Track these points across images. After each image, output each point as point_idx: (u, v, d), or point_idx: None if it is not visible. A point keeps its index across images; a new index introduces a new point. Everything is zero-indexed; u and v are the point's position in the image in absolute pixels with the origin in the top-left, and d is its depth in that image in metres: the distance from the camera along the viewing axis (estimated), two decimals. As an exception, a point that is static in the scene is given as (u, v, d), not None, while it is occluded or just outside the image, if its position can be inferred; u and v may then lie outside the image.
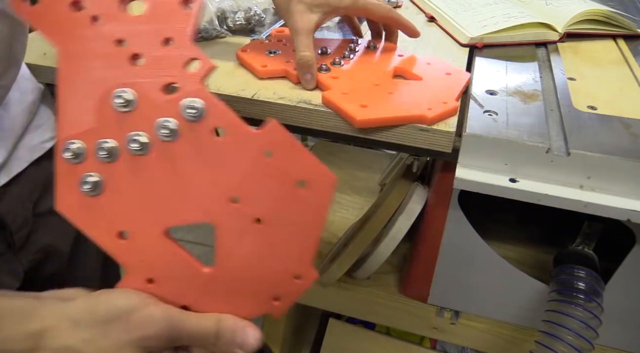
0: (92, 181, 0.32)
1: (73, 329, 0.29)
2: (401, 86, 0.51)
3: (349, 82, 0.50)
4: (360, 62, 0.56)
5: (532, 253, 0.64)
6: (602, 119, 0.46)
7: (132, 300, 0.30)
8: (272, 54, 0.55)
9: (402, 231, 0.59)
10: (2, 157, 0.48)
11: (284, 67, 0.52)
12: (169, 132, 0.31)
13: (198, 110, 0.31)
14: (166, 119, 0.31)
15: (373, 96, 0.48)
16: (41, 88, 0.55)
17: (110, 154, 0.32)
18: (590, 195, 0.42)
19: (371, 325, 0.74)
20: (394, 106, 0.46)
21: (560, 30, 0.62)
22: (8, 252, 0.49)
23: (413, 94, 0.49)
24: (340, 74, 0.52)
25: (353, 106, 0.45)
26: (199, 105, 0.31)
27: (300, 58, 0.49)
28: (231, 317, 0.32)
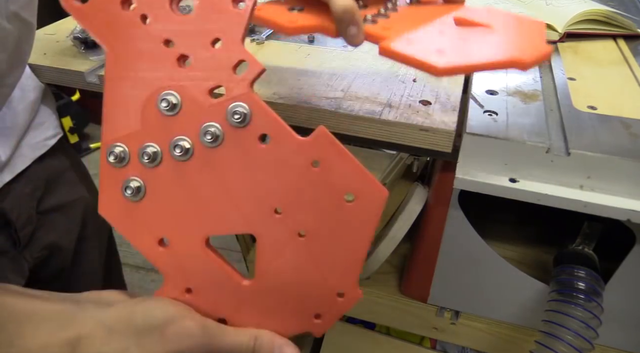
0: (134, 186, 0.31)
1: (108, 338, 0.29)
2: (473, 34, 0.41)
3: (406, 29, 0.40)
4: (410, 14, 0.45)
5: (532, 253, 0.64)
6: (602, 119, 0.46)
7: (169, 312, 0.30)
8: (295, 10, 0.43)
9: (402, 231, 0.59)
10: (6, 154, 0.48)
11: (318, 22, 0.41)
12: (213, 137, 0.30)
13: (244, 116, 0.30)
14: (211, 124, 0.30)
15: (445, 41, 0.39)
16: (42, 86, 0.55)
17: (153, 159, 0.31)
18: (590, 195, 0.42)
19: (371, 325, 0.74)
20: (478, 51, 0.37)
21: (560, 30, 0.62)
22: (13, 249, 0.50)
23: (492, 40, 0.40)
24: (391, 24, 0.42)
25: (429, 54, 0.36)
26: (245, 110, 0.30)
27: (339, 7, 0.39)
28: (269, 334, 0.31)
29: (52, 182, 0.55)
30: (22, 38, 0.44)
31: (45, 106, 0.56)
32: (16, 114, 0.50)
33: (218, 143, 0.30)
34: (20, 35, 0.43)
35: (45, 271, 0.54)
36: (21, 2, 0.42)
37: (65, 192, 0.56)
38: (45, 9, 0.48)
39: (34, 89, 0.54)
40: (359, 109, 0.47)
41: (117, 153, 0.31)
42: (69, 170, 0.58)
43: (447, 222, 0.54)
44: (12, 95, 0.49)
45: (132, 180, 0.31)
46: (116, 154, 0.31)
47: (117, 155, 0.31)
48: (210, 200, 0.31)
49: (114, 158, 0.31)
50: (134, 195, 0.31)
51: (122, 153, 0.31)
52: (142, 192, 0.31)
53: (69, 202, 0.57)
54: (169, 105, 0.31)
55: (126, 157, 0.31)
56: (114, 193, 0.32)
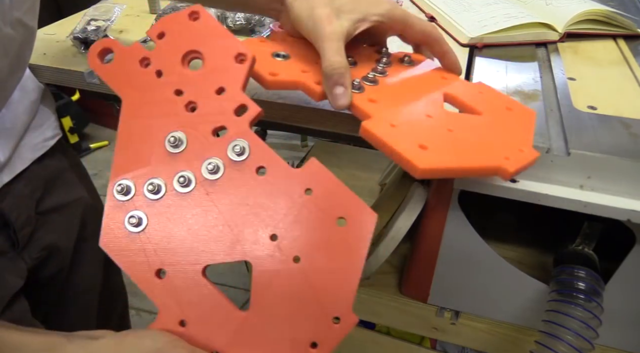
0: (137, 216, 0.33)
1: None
2: (461, 122, 0.40)
3: (393, 109, 0.38)
4: (400, 82, 0.43)
5: (532, 254, 0.64)
6: (602, 119, 0.46)
7: (159, 342, 0.30)
8: (280, 58, 0.42)
9: (402, 231, 0.59)
10: (5, 155, 0.48)
11: (299, 79, 0.40)
12: (215, 168, 0.33)
13: (243, 149, 0.33)
14: (213, 158, 0.33)
15: (430, 133, 0.37)
16: (42, 87, 0.55)
17: (157, 191, 0.33)
18: (590, 195, 0.42)
19: (371, 325, 0.74)
20: (461, 151, 0.36)
21: (560, 30, 0.62)
22: (12, 250, 0.50)
23: (479, 135, 0.38)
24: (378, 95, 0.40)
25: (410, 148, 0.34)
26: (244, 144, 0.33)
27: (329, 64, 0.37)
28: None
29: (52, 182, 0.55)
30: (24, 43, 0.44)
31: (45, 107, 0.56)
32: (16, 115, 0.50)
33: (219, 175, 0.33)
34: (22, 40, 0.43)
35: (44, 272, 0.54)
36: (24, 8, 0.42)
37: (64, 192, 0.56)
38: (46, 9, 0.48)
39: (34, 90, 0.54)
40: (359, 109, 0.47)
41: (123, 186, 0.34)
42: (68, 170, 0.58)
43: (447, 222, 0.54)
44: (11, 97, 0.49)
45: (135, 212, 0.33)
46: (122, 186, 0.34)
47: (123, 187, 0.34)
48: (210, 229, 0.33)
49: (120, 189, 0.34)
50: (136, 226, 0.33)
51: (128, 187, 0.34)
52: (143, 224, 0.33)
53: (68, 202, 0.57)
54: (176, 142, 0.34)
55: (131, 190, 0.34)
56: (116, 226, 0.33)
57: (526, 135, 0.40)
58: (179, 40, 0.37)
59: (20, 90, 0.51)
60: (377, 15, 0.41)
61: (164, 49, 0.37)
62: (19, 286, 0.49)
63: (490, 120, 0.40)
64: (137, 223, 0.33)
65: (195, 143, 0.34)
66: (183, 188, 0.33)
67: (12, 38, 0.41)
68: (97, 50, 0.37)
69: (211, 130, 0.34)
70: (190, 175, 0.33)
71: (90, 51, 0.36)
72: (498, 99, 0.44)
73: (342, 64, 0.37)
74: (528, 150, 0.38)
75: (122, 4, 0.69)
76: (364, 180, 0.91)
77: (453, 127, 0.38)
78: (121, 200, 0.34)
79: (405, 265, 0.68)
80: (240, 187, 0.33)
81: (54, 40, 0.62)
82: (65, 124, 1.95)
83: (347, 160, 0.98)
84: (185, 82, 0.35)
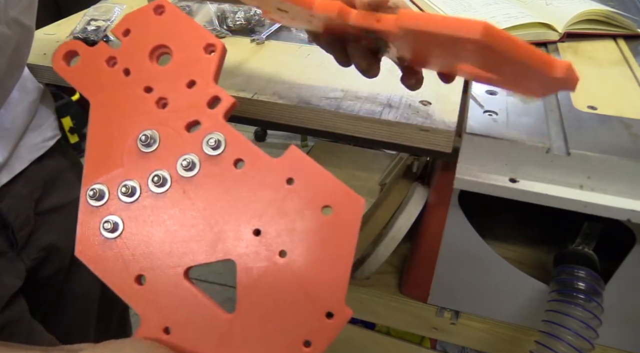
0: (112, 221, 0.32)
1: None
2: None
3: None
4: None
5: (532, 253, 0.64)
6: (602, 119, 0.46)
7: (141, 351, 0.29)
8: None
9: (402, 231, 0.59)
10: (4, 156, 0.48)
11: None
12: (190, 165, 0.32)
13: (218, 142, 0.32)
14: (187, 155, 0.32)
15: None
16: (41, 88, 0.55)
17: (132, 193, 0.32)
18: (590, 195, 0.42)
19: (371, 325, 0.74)
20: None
21: (560, 30, 0.62)
22: (10, 251, 0.49)
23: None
24: None
25: None
26: (218, 138, 0.32)
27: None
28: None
29: (51, 183, 0.55)
30: (21, 42, 0.44)
31: (44, 107, 0.56)
32: (15, 115, 0.50)
33: (195, 172, 0.32)
34: (19, 39, 0.43)
35: (44, 272, 0.54)
36: (21, 7, 0.42)
37: (63, 193, 0.56)
38: (45, 9, 0.48)
39: (33, 90, 0.53)
40: (359, 109, 0.47)
41: (96, 190, 0.32)
42: (67, 171, 0.58)
43: (447, 222, 0.54)
44: (11, 97, 0.49)
45: (110, 217, 0.32)
46: (95, 191, 0.32)
47: (95, 192, 0.32)
48: (189, 230, 0.31)
49: (92, 194, 0.32)
50: (111, 232, 0.32)
51: (101, 191, 0.32)
52: (119, 229, 0.32)
53: (68, 202, 0.57)
54: (148, 140, 0.32)
55: (105, 195, 0.32)
56: (91, 234, 0.32)
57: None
58: (145, 36, 0.35)
59: (19, 90, 0.51)
60: None
61: (130, 46, 0.35)
62: (17, 286, 0.49)
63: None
64: (112, 228, 0.31)
65: (168, 140, 0.32)
66: (158, 188, 0.32)
67: (8, 37, 0.41)
68: (61, 54, 0.35)
69: (184, 126, 0.33)
70: (165, 174, 0.32)
71: (55, 54, 0.35)
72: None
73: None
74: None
75: (122, 4, 0.69)
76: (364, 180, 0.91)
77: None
78: (95, 205, 0.32)
79: (405, 265, 0.68)
80: (218, 182, 0.31)
81: (54, 40, 0.62)
82: (65, 124, 1.95)
83: (347, 160, 0.98)
84: (154, 78, 0.34)
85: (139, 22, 0.36)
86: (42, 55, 0.57)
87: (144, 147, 0.33)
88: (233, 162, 0.31)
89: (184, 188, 0.32)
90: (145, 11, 0.36)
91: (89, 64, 0.35)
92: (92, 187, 0.33)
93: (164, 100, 0.34)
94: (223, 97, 0.33)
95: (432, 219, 0.55)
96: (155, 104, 0.33)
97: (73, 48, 0.35)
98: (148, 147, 0.33)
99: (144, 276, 0.31)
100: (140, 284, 0.31)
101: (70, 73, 0.35)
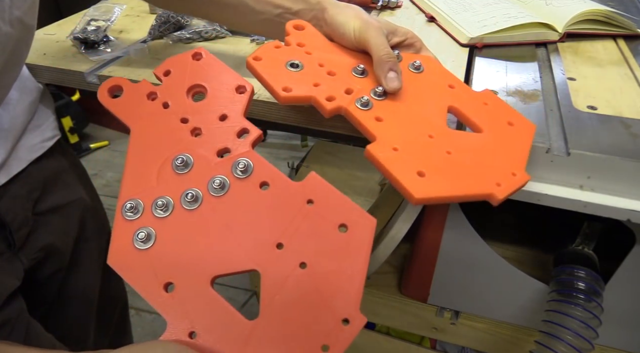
0: (145, 233, 0.34)
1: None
2: (460, 141, 0.41)
3: (397, 128, 0.40)
4: (407, 94, 0.44)
5: (532, 253, 0.64)
6: (602, 119, 0.46)
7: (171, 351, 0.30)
8: (294, 68, 0.42)
9: (402, 231, 0.59)
10: (2, 156, 0.48)
11: (311, 94, 0.41)
12: (220, 185, 0.35)
13: (247, 166, 0.36)
14: (218, 176, 0.36)
15: (429, 157, 0.39)
16: (40, 88, 0.55)
17: (166, 209, 0.35)
18: (590, 195, 0.42)
19: (371, 325, 0.74)
20: (456, 177, 0.38)
21: (560, 30, 0.62)
22: (8, 251, 0.49)
23: (476, 157, 0.40)
24: (384, 112, 0.41)
25: (409, 175, 0.37)
26: (247, 162, 0.36)
27: (385, 53, 0.42)
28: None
29: (50, 183, 0.54)
30: (21, 41, 0.44)
31: (44, 107, 0.56)
32: (14, 115, 0.49)
33: (225, 191, 0.35)
34: (19, 38, 0.43)
35: (42, 272, 0.54)
36: (25, 7, 0.42)
37: (63, 193, 0.56)
38: (45, 9, 0.48)
39: (33, 90, 0.53)
40: (358, 109, 0.47)
41: (132, 205, 0.35)
42: (67, 171, 0.58)
43: (447, 222, 0.54)
44: (9, 97, 0.49)
45: (144, 229, 0.34)
46: (131, 205, 0.35)
47: (131, 206, 0.35)
48: (217, 242, 0.34)
49: (128, 208, 0.35)
50: (144, 243, 0.34)
51: (137, 205, 0.35)
52: (152, 240, 0.34)
53: (67, 203, 0.57)
54: (182, 163, 0.36)
55: (140, 209, 0.35)
56: (124, 244, 0.34)
57: (521, 155, 0.41)
58: (184, 76, 0.40)
59: (19, 90, 0.51)
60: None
61: (169, 84, 0.40)
62: (15, 286, 0.48)
63: (489, 139, 0.42)
64: (145, 239, 0.34)
65: (201, 164, 0.36)
66: (191, 204, 0.35)
67: (10, 36, 0.41)
68: (107, 88, 0.40)
69: (216, 152, 0.36)
70: (198, 192, 0.35)
71: (100, 88, 0.39)
72: (501, 112, 0.44)
73: (392, 54, 0.43)
74: (520, 173, 0.39)
75: (122, 4, 0.69)
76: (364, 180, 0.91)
77: (452, 149, 0.40)
78: (130, 218, 0.35)
79: (405, 265, 0.68)
80: (246, 201, 0.35)
81: (54, 40, 0.62)
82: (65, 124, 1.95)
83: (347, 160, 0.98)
84: (190, 111, 0.38)
85: (179, 65, 0.41)
86: (42, 55, 0.57)
87: (179, 169, 0.36)
88: (259, 184, 0.35)
89: (214, 205, 0.35)
90: (185, 57, 0.41)
91: (132, 96, 0.39)
92: (128, 201, 0.35)
93: (198, 130, 0.38)
94: (251, 129, 0.37)
95: (432, 219, 0.55)
96: (190, 133, 0.38)
97: (118, 83, 0.40)
98: (182, 169, 0.36)
99: (173, 284, 0.33)
100: (168, 292, 0.33)
101: (113, 104, 0.39)
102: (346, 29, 0.45)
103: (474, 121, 0.43)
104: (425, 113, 0.43)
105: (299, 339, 0.32)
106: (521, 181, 0.39)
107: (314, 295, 0.32)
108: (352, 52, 0.46)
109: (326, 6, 0.47)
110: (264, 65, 0.42)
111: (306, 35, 0.47)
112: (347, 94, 0.42)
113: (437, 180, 0.37)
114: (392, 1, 0.75)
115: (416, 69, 0.46)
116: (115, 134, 2.20)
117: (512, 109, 0.45)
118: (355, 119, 0.40)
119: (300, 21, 0.47)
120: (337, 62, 0.45)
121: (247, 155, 0.36)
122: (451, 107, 0.44)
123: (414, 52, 0.49)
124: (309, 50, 0.45)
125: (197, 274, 0.33)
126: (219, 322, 0.32)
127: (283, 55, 0.43)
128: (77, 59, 0.57)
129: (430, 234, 0.56)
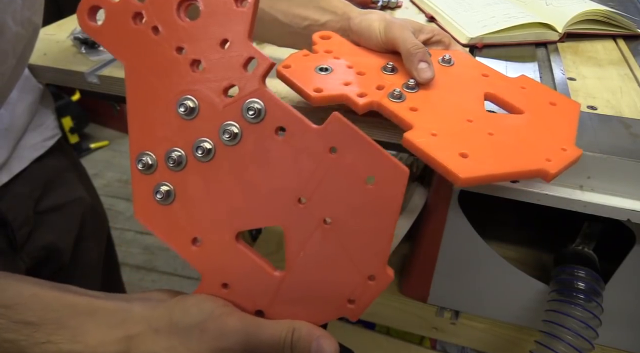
0: (164, 190, 0.33)
1: (155, 337, 0.30)
2: (501, 123, 0.40)
3: (434, 115, 0.39)
4: (440, 85, 0.43)
5: (532, 253, 0.64)
6: (602, 119, 0.46)
7: (206, 309, 0.31)
8: (323, 72, 0.43)
9: (402, 231, 0.59)
10: (4, 156, 0.48)
11: (343, 92, 0.40)
12: (232, 135, 0.31)
13: (258, 111, 0.31)
14: (229, 123, 0.31)
15: (471, 139, 0.38)
16: (41, 88, 0.55)
17: (179, 163, 0.33)
18: (590, 195, 0.42)
19: (371, 325, 0.74)
20: (503, 155, 0.36)
21: (560, 30, 0.62)
22: (10, 250, 0.49)
23: (520, 136, 0.39)
24: (418, 102, 0.40)
25: (451, 157, 0.35)
26: (258, 105, 0.31)
27: (413, 44, 0.42)
28: (306, 326, 0.31)
29: (51, 182, 0.55)
30: (30, 41, 0.44)
31: (44, 107, 0.56)
32: (15, 115, 0.50)
33: (237, 140, 0.31)
34: (29, 37, 0.43)
35: (43, 271, 0.54)
36: (35, 8, 0.42)
37: (63, 192, 0.56)
38: (45, 9, 0.48)
39: (33, 90, 0.53)
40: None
41: (145, 161, 0.33)
42: (67, 170, 0.58)
43: (447, 222, 0.54)
44: (10, 97, 0.49)
45: (161, 185, 0.33)
46: (144, 162, 0.33)
47: (145, 163, 0.33)
48: (236, 196, 0.32)
49: (142, 166, 0.33)
50: (165, 199, 0.33)
51: (150, 160, 0.33)
52: (172, 196, 0.33)
53: (68, 202, 0.57)
54: (187, 110, 0.32)
55: (154, 163, 0.33)
56: (146, 199, 0.33)
57: (569, 132, 0.39)
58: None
59: (19, 90, 0.51)
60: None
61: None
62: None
63: (531, 119, 0.40)
64: (165, 196, 0.33)
65: (207, 108, 0.32)
66: (204, 157, 0.32)
67: (21, 37, 0.41)
68: (85, 10, 0.33)
69: (221, 91, 0.32)
70: (209, 145, 0.32)
71: (79, 10, 0.34)
72: (541, 94, 0.43)
73: (420, 44, 0.42)
74: (570, 148, 0.37)
75: (122, 4, 0.69)
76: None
77: (494, 130, 0.38)
78: (145, 173, 0.33)
79: (405, 265, 0.68)
80: (262, 150, 0.31)
81: (54, 40, 0.62)
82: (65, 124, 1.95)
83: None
84: (184, 36, 0.32)
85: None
86: (42, 56, 0.57)
87: (185, 115, 0.32)
88: (274, 130, 0.31)
89: (229, 156, 0.32)
90: None
91: (115, 20, 0.33)
92: (140, 158, 0.33)
93: (198, 61, 0.32)
94: (259, 58, 0.31)
95: (432, 219, 0.55)
96: (190, 67, 0.32)
97: (97, 3, 0.34)
98: (189, 115, 0.32)
99: (199, 239, 0.33)
100: (197, 246, 0.33)
101: (96, 31, 0.33)
102: (372, 32, 0.46)
103: (514, 104, 0.41)
104: (461, 101, 0.41)
105: (326, 292, 0.32)
106: (574, 155, 0.37)
107: (339, 251, 0.31)
108: (381, 54, 0.47)
109: (351, 15, 0.48)
110: (294, 71, 0.42)
111: (333, 43, 0.47)
112: (378, 90, 0.41)
113: (482, 159, 0.35)
114: (392, 1, 0.75)
115: (447, 63, 0.46)
116: (116, 134, 2.20)
117: (552, 90, 0.44)
118: (389, 111, 0.39)
119: (327, 31, 0.48)
120: (365, 63, 0.44)
121: (258, 95, 0.31)
122: (487, 94, 0.43)
123: (442, 48, 0.49)
124: (336, 55, 0.45)
125: (221, 229, 0.32)
126: (248, 274, 0.32)
127: (312, 62, 0.44)
128: (77, 59, 0.57)
129: (430, 234, 0.56)
